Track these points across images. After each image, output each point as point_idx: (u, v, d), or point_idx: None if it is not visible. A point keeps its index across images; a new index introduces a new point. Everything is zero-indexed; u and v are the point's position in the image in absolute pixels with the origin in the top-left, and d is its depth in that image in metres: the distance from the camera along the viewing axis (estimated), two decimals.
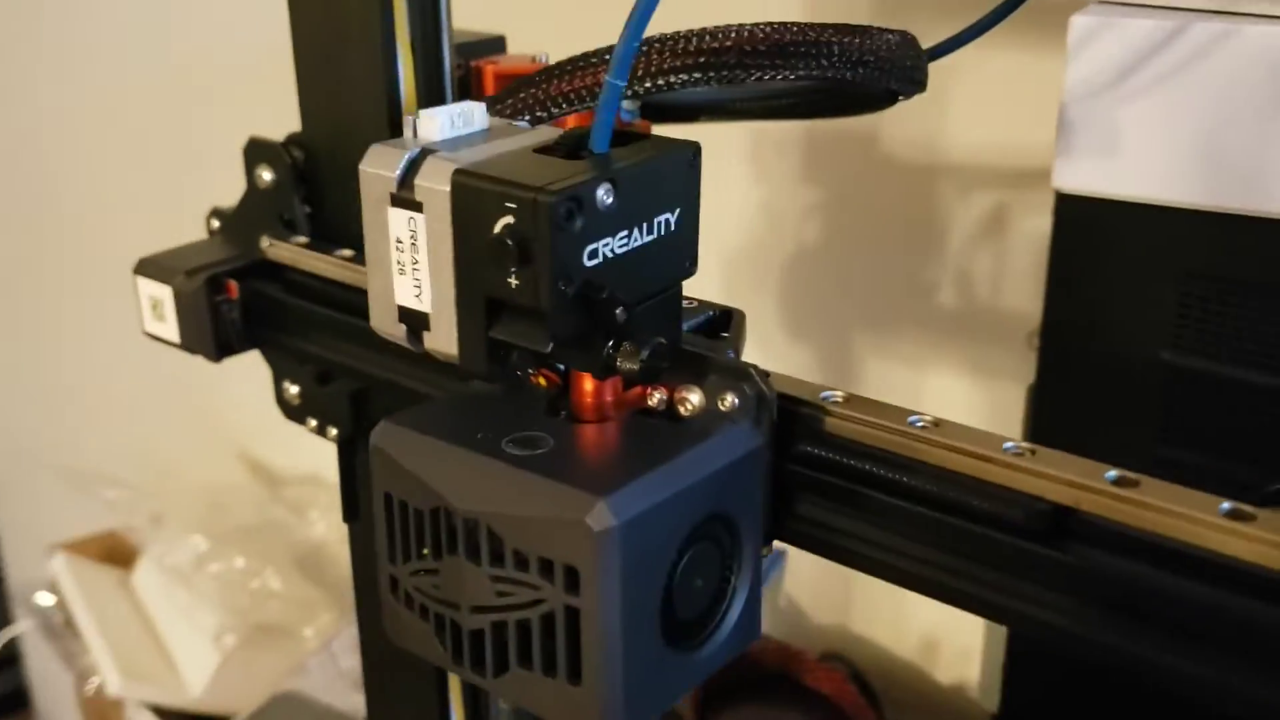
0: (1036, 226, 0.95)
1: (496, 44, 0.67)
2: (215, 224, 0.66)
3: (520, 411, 0.45)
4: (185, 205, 0.78)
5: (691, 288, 0.46)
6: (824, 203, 1.09)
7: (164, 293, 0.62)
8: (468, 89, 0.63)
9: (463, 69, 0.63)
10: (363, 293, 0.45)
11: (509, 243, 0.39)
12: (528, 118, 0.49)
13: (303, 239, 0.61)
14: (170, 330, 0.63)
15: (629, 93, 0.48)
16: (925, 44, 0.54)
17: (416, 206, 0.41)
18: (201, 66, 1.46)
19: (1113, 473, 0.39)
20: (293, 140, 0.63)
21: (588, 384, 0.44)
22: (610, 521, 0.38)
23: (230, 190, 0.65)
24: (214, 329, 0.61)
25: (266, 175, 0.62)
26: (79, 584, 1.57)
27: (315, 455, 1.10)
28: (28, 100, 1.77)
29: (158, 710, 1.47)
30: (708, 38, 0.47)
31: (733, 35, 0.47)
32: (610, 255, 0.41)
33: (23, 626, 1.70)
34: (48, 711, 1.82)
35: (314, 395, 0.64)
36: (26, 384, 1.98)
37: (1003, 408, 1.00)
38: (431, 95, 0.60)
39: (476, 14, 0.67)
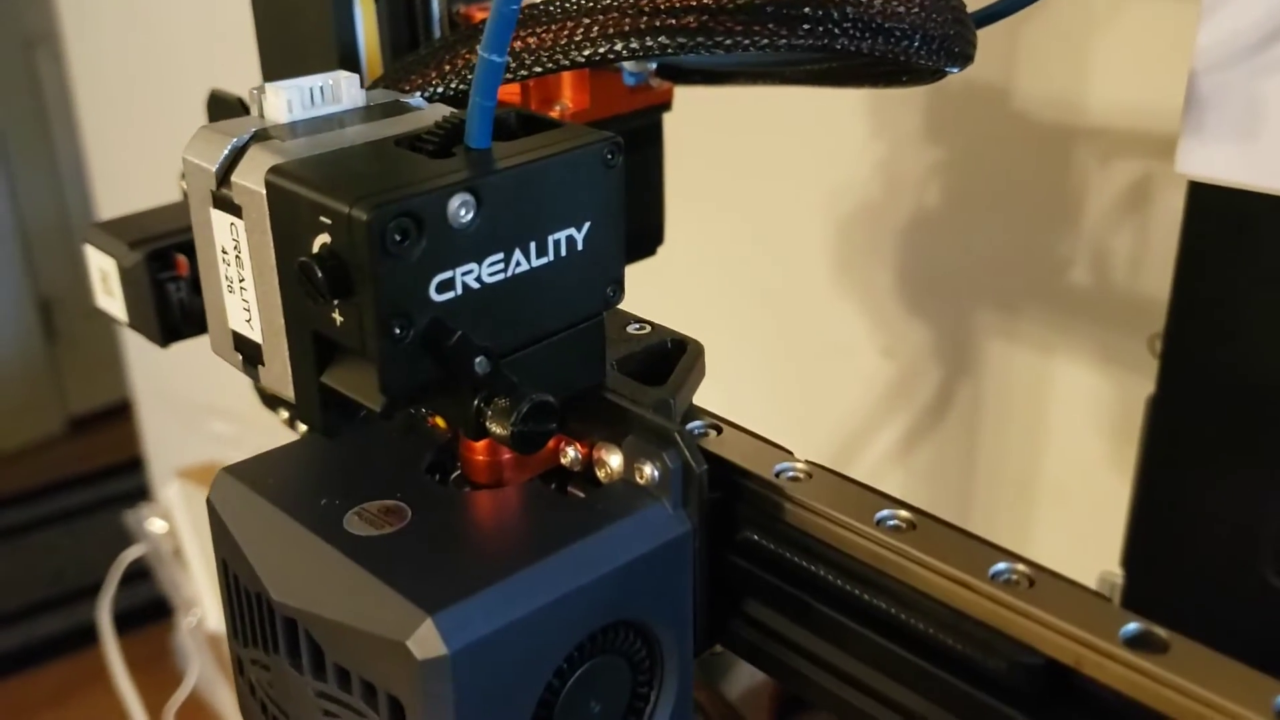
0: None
1: None
2: (185, 185, 0.59)
3: (398, 465, 0.36)
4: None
5: (795, 256, 0.35)
6: (948, 164, 0.96)
7: (109, 265, 0.55)
8: None
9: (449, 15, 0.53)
10: None
11: (319, 270, 0.29)
12: (425, 94, 0.39)
13: None
14: (118, 307, 0.55)
15: (544, 66, 0.37)
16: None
17: (236, 210, 0.32)
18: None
19: (1134, 626, 0.28)
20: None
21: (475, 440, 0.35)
22: (439, 649, 0.29)
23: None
24: (158, 310, 0.54)
25: None
26: (191, 513, 1.56)
27: None
28: None
29: None
30: None
31: None
32: (474, 286, 0.31)
33: (138, 551, 1.70)
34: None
35: None
36: None
37: (1135, 410, 0.87)
38: (401, 44, 0.50)
39: None
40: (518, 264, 0.31)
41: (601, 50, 0.37)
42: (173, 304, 0.54)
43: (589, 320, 0.34)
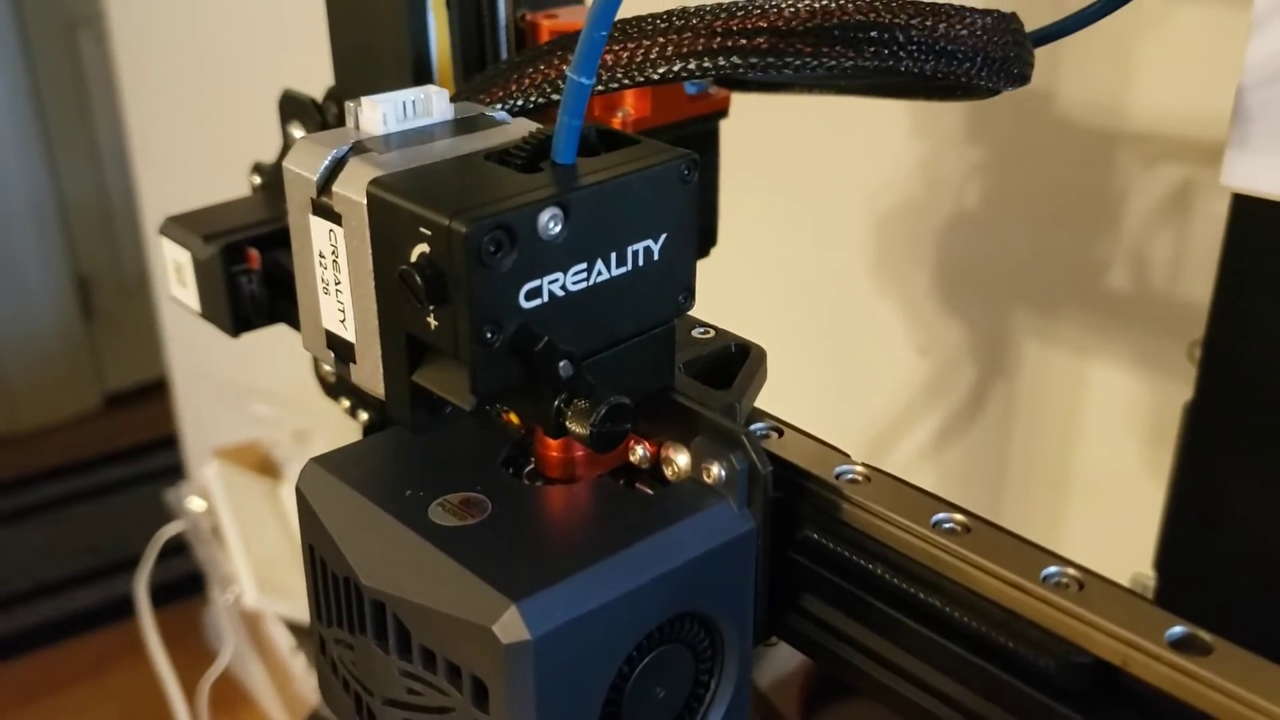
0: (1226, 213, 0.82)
1: None
2: (256, 180, 0.61)
3: (476, 458, 0.37)
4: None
5: (835, 254, 0.37)
6: (989, 165, 0.98)
7: (184, 257, 0.57)
8: (521, 46, 0.56)
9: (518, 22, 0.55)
10: None
11: (418, 278, 0.31)
12: (505, 106, 0.41)
13: None
14: (192, 298, 0.57)
15: (619, 83, 0.39)
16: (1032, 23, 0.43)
17: (336, 218, 0.34)
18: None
19: (1179, 630, 0.30)
20: (330, 96, 0.56)
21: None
22: (523, 634, 0.31)
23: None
24: (230, 301, 0.56)
25: (298, 133, 0.56)
26: (228, 492, 1.59)
27: None
28: None
29: (292, 626, 1.48)
30: (736, 13, 0.38)
31: (768, 12, 0.38)
32: (559, 294, 0.33)
33: (177, 527, 1.73)
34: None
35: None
36: None
37: (1171, 414, 0.88)
38: (471, 52, 0.52)
39: None
40: (599, 273, 0.33)
41: (675, 69, 0.38)
42: (244, 296, 0.56)
43: (661, 326, 0.36)
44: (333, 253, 0.34)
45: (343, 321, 0.35)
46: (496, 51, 0.53)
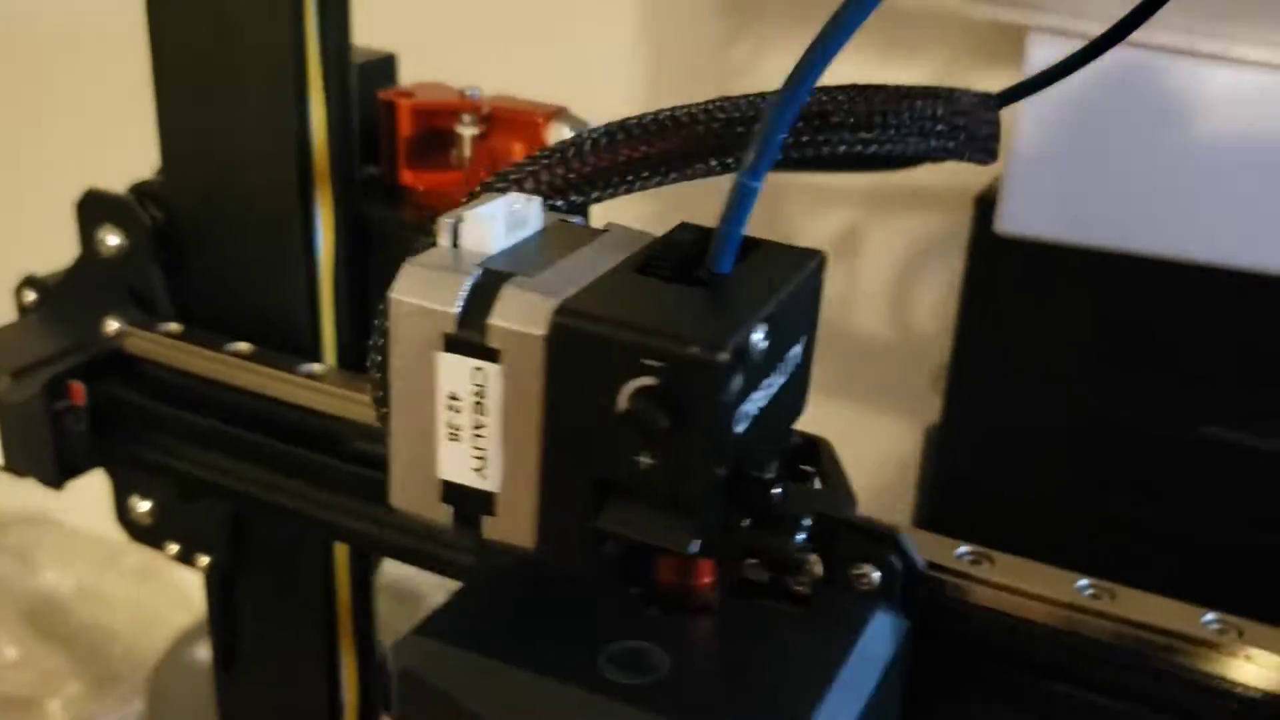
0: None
1: (387, 66, 0.54)
2: (29, 297, 0.51)
3: (586, 599, 0.34)
4: None
5: None
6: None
7: None
8: (372, 127, 0.51)
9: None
10: (259, 397, 0.41)
11: (651, 414, 0.28)
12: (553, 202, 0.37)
13: (172, 325, 0.47)
14: None
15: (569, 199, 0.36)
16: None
17: (490, 355, 0.29)
18: None
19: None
20: (145, 192, 0.48)
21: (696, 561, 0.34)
22: None
23: (40, 245, 0.50)
24: (55, 446, 0.46)
25: (113, 240, 0.48)
26: None
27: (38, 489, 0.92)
28: None
29: None
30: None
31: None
32: (754, 414, 0.30)
33: None
34: None
35: (175, 515, 0.51)
36: None
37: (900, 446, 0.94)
38: (337, 136, 0.47)
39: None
40: (772, 385, 0.31)
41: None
42: (71, 437, 0.47)
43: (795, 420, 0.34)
44: (476, 394, 0.30)
45: (479, 470, 0.30)
46: (350, 132, 0.48)
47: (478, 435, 0.30)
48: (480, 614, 0.33)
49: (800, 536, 0.31)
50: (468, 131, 0.50)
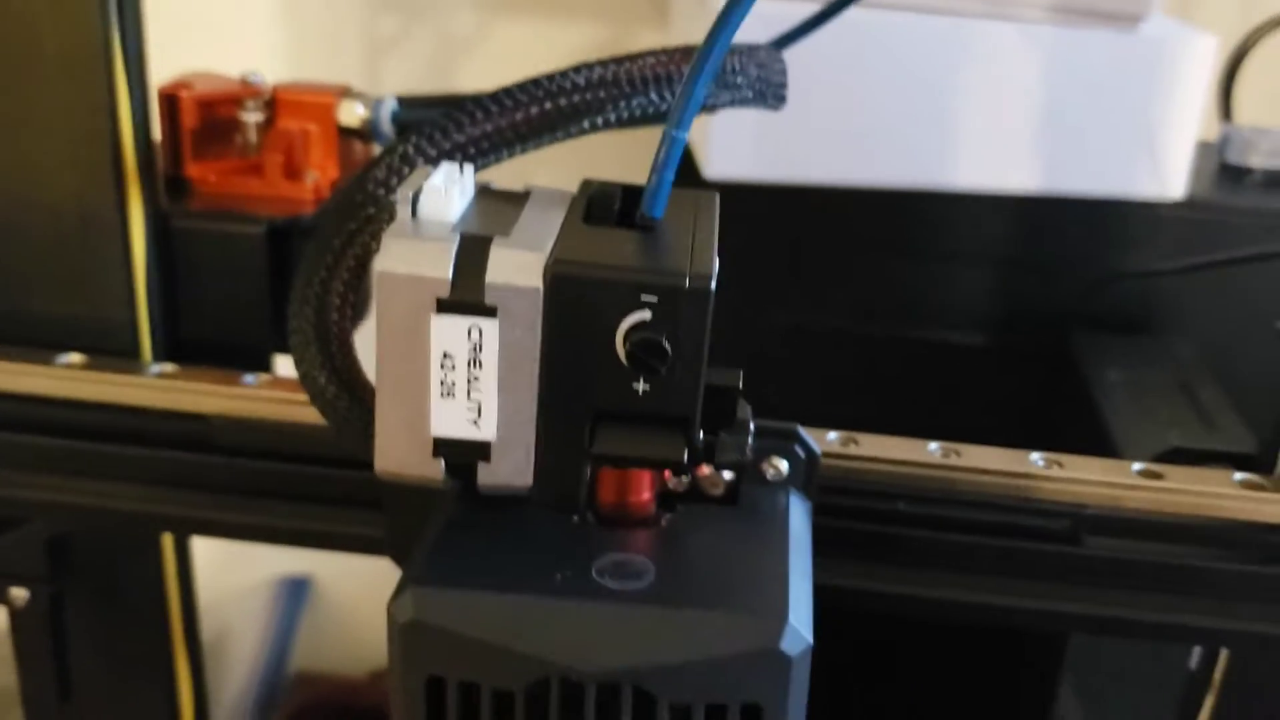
0: None
1: None
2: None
3: (544, 531, 0.37)
4: None
5: None
6: None
7: None
8: (164, 117, 0.50)
9: None
10: (82, 406, 0.42)
11: (653, 343, 0.31)
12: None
13: None
14: None
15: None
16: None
17: (487, 311, 0.32)
18: None
19: None
20: None
21: (639, 479, 0.37)
22: (804, 642, 0.33)
23: None
24: None
25: None
26: None
27: None
28: None
29: None
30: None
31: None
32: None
33: None
34: None
35: None
36: None
37: None
38: (141, 135, 0.46)
39: None
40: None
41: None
42: None
43: None
44: (473, 350, 0.32)
45: (474, 422, 0.33)
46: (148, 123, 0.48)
47: (473, 388, 0.33)
48: (460, 560, 0.35)
49: (751, 439, 0.35)
50: (252, 118, 0.50)
